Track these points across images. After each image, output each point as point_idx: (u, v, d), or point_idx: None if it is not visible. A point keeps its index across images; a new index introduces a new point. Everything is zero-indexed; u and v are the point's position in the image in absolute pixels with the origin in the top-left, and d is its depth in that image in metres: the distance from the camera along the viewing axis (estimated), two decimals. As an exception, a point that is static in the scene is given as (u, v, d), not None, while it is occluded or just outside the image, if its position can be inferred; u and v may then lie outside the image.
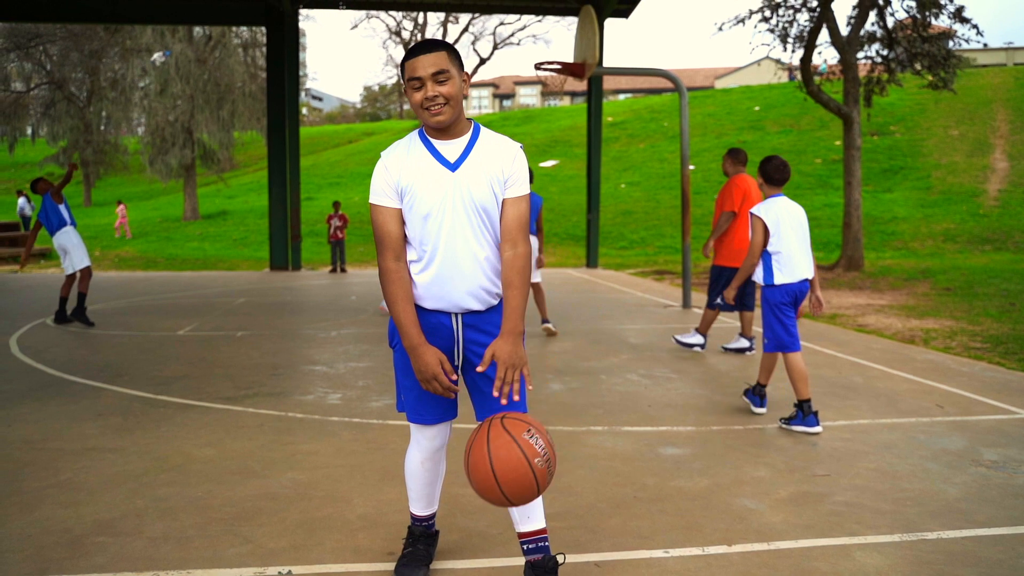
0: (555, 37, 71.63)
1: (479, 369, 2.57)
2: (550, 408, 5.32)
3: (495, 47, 58.25)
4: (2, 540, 3.18)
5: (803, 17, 16.33)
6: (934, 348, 7.67)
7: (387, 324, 2.92)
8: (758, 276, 5.03)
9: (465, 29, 55.52)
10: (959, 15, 15.49)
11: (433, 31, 54.36)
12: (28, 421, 4.97)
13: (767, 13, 16.41)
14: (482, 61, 57.79)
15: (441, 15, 53.00)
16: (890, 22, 16.19)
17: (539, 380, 6.16)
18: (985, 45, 16.69)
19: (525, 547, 2.74)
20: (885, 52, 16.30)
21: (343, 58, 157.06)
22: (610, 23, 18.28)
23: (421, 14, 53.07)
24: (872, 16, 15.98)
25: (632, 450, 4.40)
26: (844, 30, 15.86)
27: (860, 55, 16.20)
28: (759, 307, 5.60)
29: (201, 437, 4.62)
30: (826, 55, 42.57)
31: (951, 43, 16.18)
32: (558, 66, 11.63)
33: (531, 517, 2.71)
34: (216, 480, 3.88)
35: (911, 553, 3.10)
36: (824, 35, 15.82)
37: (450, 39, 55.15)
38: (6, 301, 11.53)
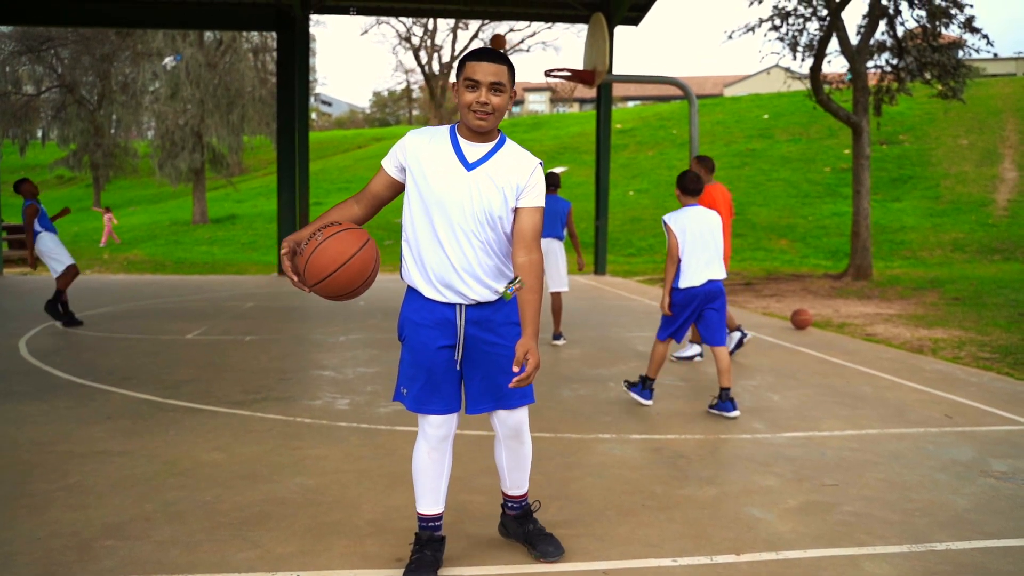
0: (565, 44, 71.79)
1: (515, 368, 2.68)
2: (559, 415, 5.32)
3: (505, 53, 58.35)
4: (11, 542, 3.19)
5: (813, 26, 16.32)
6: (943, 358, 7.64)
7: (395, 326, 2.99)
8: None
9: (475, 35, 55.61)
10: (969, 25, 15.45)
11: (443, 37, 54.59)
12: (37, 423, 4.99)
13: (777, 22, 16.40)
14: (491, 67, 57.79)
15: (451, 21, 53.14)
16: (900, 31, 16.16)
17: (548, 387, 6.16)
18: (995, 55, 16.63)
19: (508, 505, 3.15)
20: (895, 61, 16.27)
21: (353, 63, 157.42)
22: (620, 30, 18.27)
23: (431, 20, 53.19)
24: (882, 25, 15.97)
25: (640, 458, 4.39)
26: (854, 39, 15.85)
27: (870, 64, 16.18)
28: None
29: (209, 441, 4.64)
30: (836, 64, 42.35)
31: (961, 52, 16.12)
32: (568, 73, 11.65)
33: (520, 487, 3.10)
34: (224, 484, 3.89)
35: (920, 564, 3.09)
36: (834, 44, 15.83)
37: (459, 46, 55.19)
38: (16, 304, 11.58)
